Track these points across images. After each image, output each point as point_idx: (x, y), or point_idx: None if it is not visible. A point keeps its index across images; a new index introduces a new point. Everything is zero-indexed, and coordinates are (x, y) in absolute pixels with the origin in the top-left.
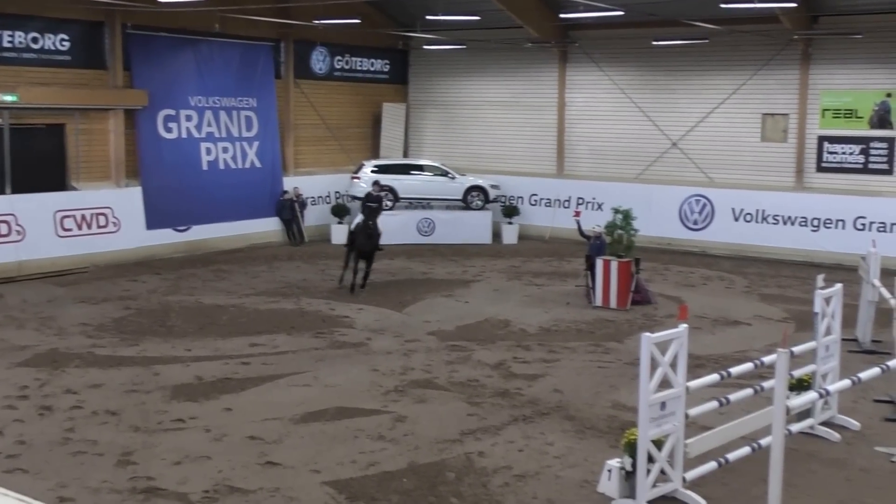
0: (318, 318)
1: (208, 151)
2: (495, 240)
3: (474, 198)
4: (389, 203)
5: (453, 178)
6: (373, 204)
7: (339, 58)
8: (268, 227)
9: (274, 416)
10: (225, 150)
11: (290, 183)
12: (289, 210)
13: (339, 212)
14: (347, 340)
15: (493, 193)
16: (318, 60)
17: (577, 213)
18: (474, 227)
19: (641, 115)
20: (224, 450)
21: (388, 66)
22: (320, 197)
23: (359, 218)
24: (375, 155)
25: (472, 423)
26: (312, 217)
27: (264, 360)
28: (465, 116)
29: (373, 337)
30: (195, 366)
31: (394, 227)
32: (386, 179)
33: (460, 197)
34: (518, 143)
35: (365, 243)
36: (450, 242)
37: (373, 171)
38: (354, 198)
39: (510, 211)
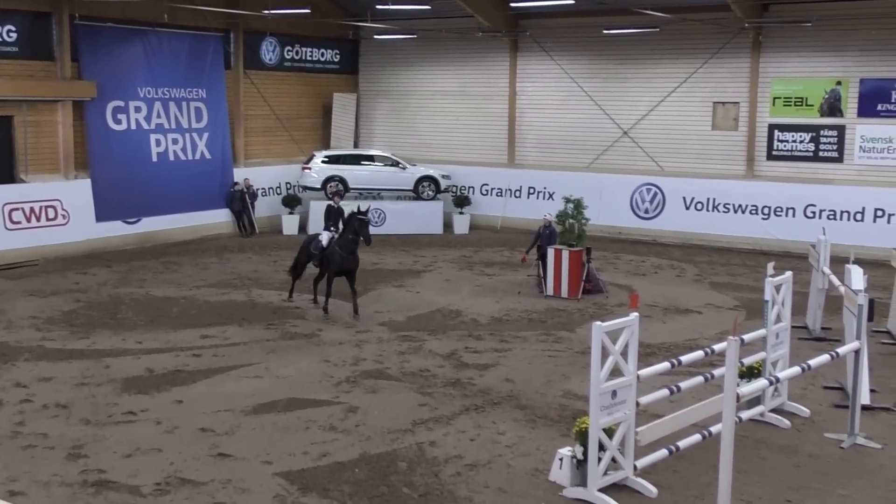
0: (269, 310)
1: (158, 143)
2: (446, 230)
3: (425, 188)
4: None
5: (404, 168)
6: (363, 217)
7: (289, 48)
8: (218, 219)
9: (225, 407)
10: (175, 141)
11: (240, 174)
12: (239, 201)
13: (290, 202)
14: (299, 331)
15: (444, 183)
16: (268, 51)
17: (524, 259)
18: (425, 217)
19: (592, 104)
20: (175, 442)
21: (338, 57)
22: (271, 188)
23: (323, 234)
24: (326, 145)
25: (423, 413)
26: (263, 208)
27: (215, 351)
28: (415, 106)
29: (324, 328)
30: (146, 358)
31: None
32: (336, 170)
33: (411, 187)
34: (469, 133)
35: (349, 260)
36: (401, 233)
37: (323, 162)
38: (306, 188)
39: (461, 201)
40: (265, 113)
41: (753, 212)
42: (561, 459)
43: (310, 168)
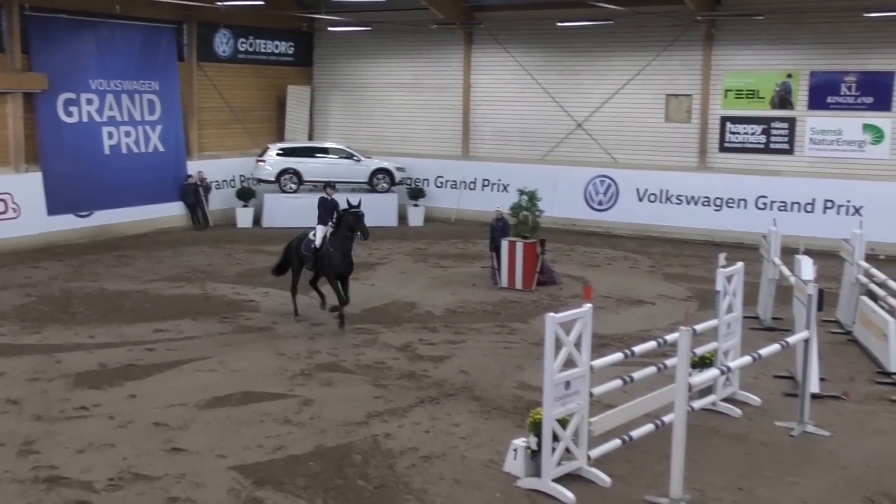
0: (223, 303)
1: (110, 135)
2: (401, 222)
3: (380, 180)
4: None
5: (359, 160)
6: (357, 210)
7: (242, 40)
8: (172, 212)
9: (179, 401)
10: (127, 134)
11: (194, 167)
12: (193, 194)
13: (245, 195)
14: (253, 325)
15: (398, 176)
16: (222, 43)
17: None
18: (380, 209)
19: (546, 96)
20: (129, 437)
21: (292, 49)
22: (225, 181)
23: (317, 231)
24: (280, 138)
25: (378, 406)
26: (217, 201)
27: (169, 345)
28: (370, 99)
29: (279, 321)
30: (98, 353)
31: (298, 210)
32: (291, 162)
33: (366, 179)
34: (424, 126)
35: (345, 264)
36: None
37: (278, 154)
38: (260, 181)
39: (416, 193)
40: (219, 105)
41: (706, 203)
42: (515, 450)
43: (264, 161)
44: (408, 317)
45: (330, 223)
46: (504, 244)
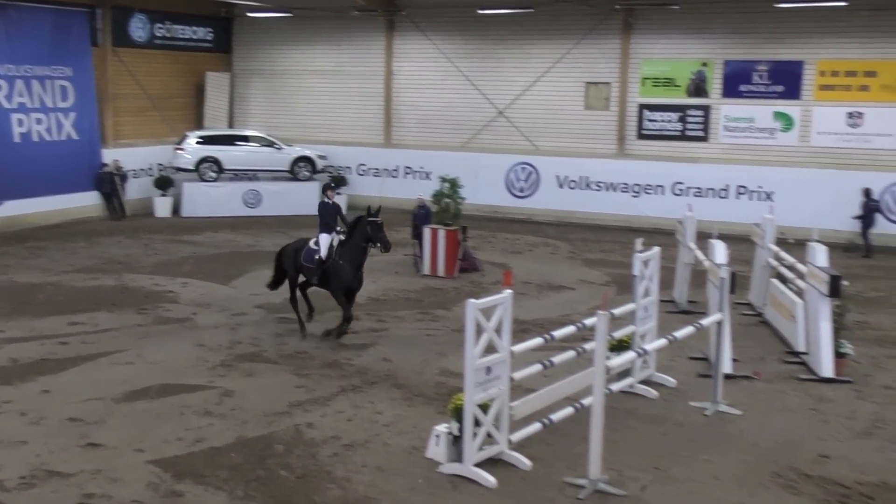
0: (140, 294)
1: (20, 123)
2: None
3: (302, 168)
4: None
5: (280, 148)
6: (377, 219)
7: (159, 25)
8: (87, 202)
9: (95, 396)
10: (38, 121)
11: (109, 155)
12: (108, 183)
13: (163, 184)
14: (172, 316)
15: (320, 164)
16: (138, 28)
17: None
18: (302, 198)
19: (468, 83)
20: (42, 433)
21: (211, 35)
22: (142, 169)
23: (321, 240)
24: (199, 126)
25: (300, 395)
26: (134, 190)
27: (84, 339)
28: (291, 86)
29: (198, 312)
30: (9, 347)
31: (218, 199)
32: (210, 151)
33: (287, 168)
34: (346, 113)
35: (356, 279)
36: (277, 214)
37: (198, 143)
38: (179, 169)
39: (338, 181)
40: (135, 92)
41: (624, 190)
42: (437, 436)
43: (183, 149)
44: (330, 306)
45: (338, 231)
46: (426, 232)
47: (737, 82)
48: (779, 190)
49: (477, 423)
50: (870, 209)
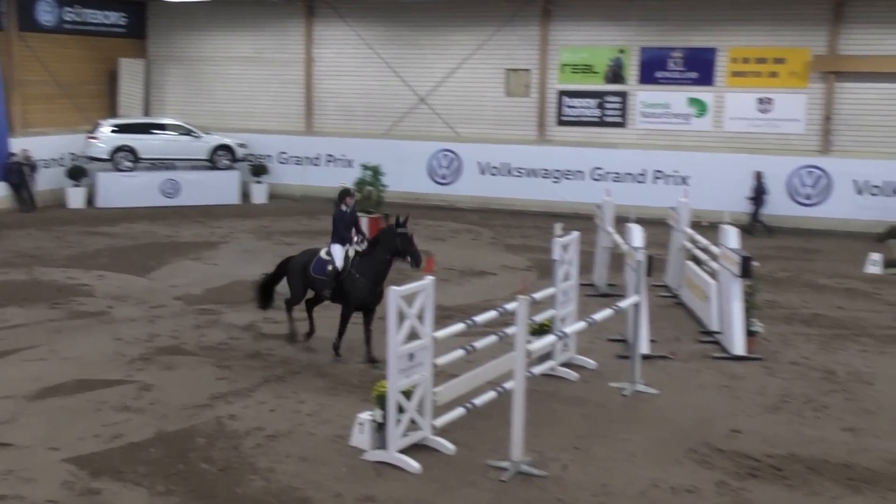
0: (53, 288)
1: None
2: (244, 200)
3: (221, 157)
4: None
5: (198, 136)
6: (406, 231)
7: (68, 9)
8: None
9: (6, 394)
10: None
11: (17, 144)
12: (17, 174)
13: (76, 174)
14: (87, 310)
15: (240, 152)
16: (45, 11)
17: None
18: (221, 187)
19: (389, 71)
20: None
21: (124, 20)
22: (53, 159)
23: (334, 251)
24: (113, 114)
25: (222, 387)
26: (45, 181)
27: None
28: (209, 73)
29: (115, 305)
30: None
31: (135, 189)
32: (126, 139)
33: (206, 156)
34: (266, 101)
35: (374, 294)
36: (196, 204)
37: (112, 131)
38: (93, 158)
39: (258, 170)
40: (44, 79)
41: (545, 175)
42: (361, 424)
43: (96, 138)
44: (252, 296)
45: (356, 242)
46: None
47: (653, 69)
48: (694, 174)
49: (400, 410)
50: (760, 191)
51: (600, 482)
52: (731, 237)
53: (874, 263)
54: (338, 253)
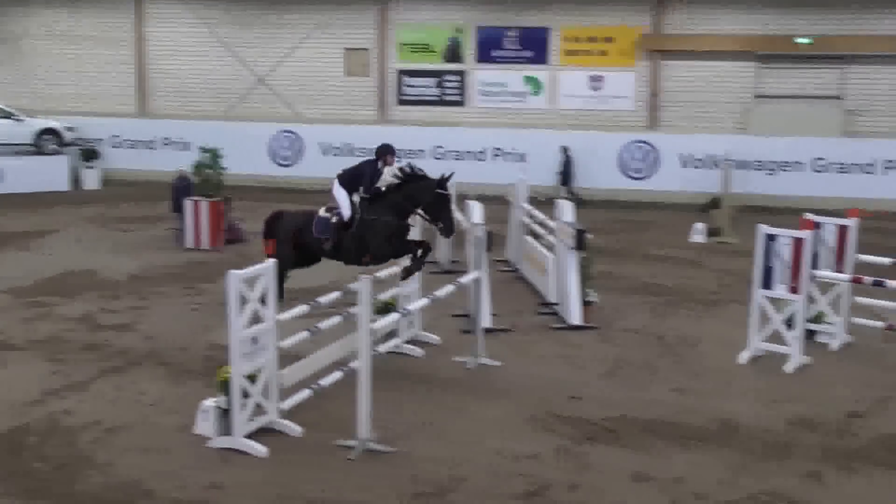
0: None
1: None
2: (75, 186)
3: (47, 141)
4: None
5: (21, 120)
6: (445, 192)
7: None
8: None
9: None
10: None
11: None
12: None
13: None
14: None
15: (68, 136)
16: None
17: None
18: (49, 173)
19: (227, 51)
20: None
21: None
22: None
23: (339, 198)
24: None
25: (55, 382)
26: None
27: None
28: (32, 51)
29: None
30: None
31: None
32: None
33: (31, 141)
34: (94, 82)
35: (400, 228)
36: (22, 191)
37: None
38: None
39: (89, 154)
40: None
41: None
42: (205, 411)
43: None
44: (87, 285)
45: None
46: (188, 204)
47: (489, 48)
48: (531, 151)
49: (245, 395)
50: (568, 165)
51: (447, 454)
52: (566, 211)
53: (699, 233)
54: (343, 199)
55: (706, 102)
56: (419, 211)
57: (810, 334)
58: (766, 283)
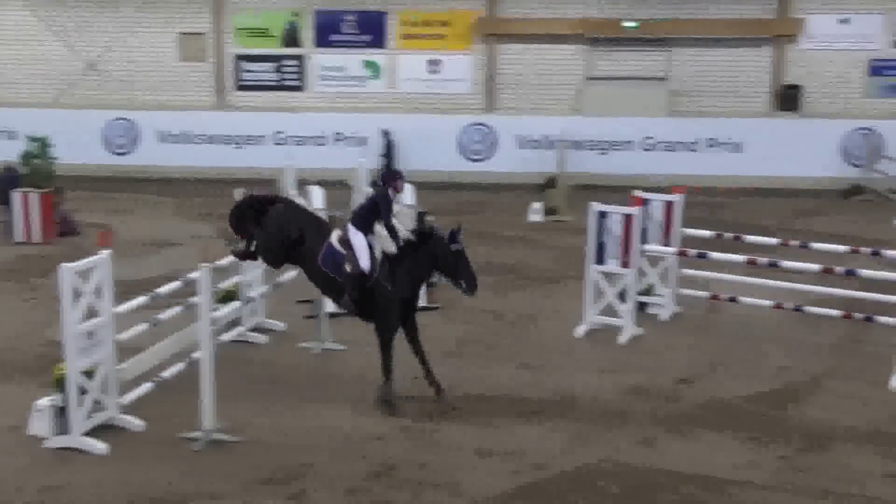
0: None
1: None
2: None
3: None
4: None
5: None
6: (460, 247)
7: None
8: None
9: None
10: None
11: None
12: None
13: None
14: None
15: None
16: None
17: None
18: None
19: (53, 35)
20: None
21: None
22: None
23: (354, 237)
24: None
25: None
26: None
27: None
28: None
29: None
30: None
31: None
32: None
33: None
34: None
35: (410, 306)
36: None
37: None
38: None
39: None
40: None
41: (227, 142)
42: (40, 411)
43: None
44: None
45: (391, 241)
46: (15, 196)
47: (328, 32)
48: (372, 136)
49: (83, 391)
50: (389, 148)
51: (294, 440)
52: (408, 194)
53: (536, 212)
54: (362, 248)
55: (541, 85)
56: (438, 273)
57: (642, 306)
58: (600, 259)
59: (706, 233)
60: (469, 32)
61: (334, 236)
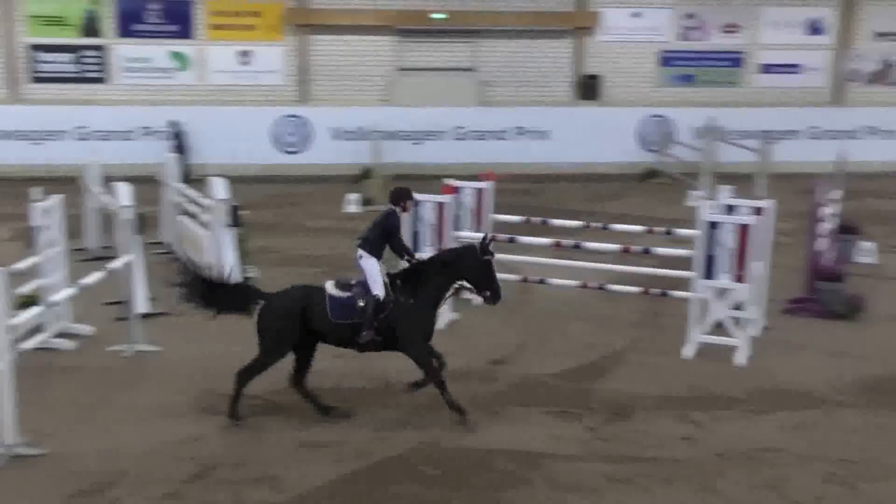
0: None
1: None
2: None
3: None
4: None
5: None
6: (491, 256)
7: None
8: None
9: None
10: None
11: None
12: None
13: None
14: None
15: None
16: None
17: None
18: None
19: None
20: None
21: None
22: None
23: (368, 266)
24: None
25: None
26: None
27: None
28: None
29: None
30: None
31: None
32: None
33: None
34: None
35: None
36: None
37: None
38: None
39: None
40: None
41: (22, 137)
42: None
43: None
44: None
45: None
46: None
47: (130, 21)
48: (182, 129)
49: None
50: (180, 140)
51: (106, 448)
52: (220, 188)
53: (352, 203)
54: (375, 274)
55: (353, 76)
56: (462, 283)
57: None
58: (415, 247)
59: (516, 218)
60: (280, 23)
61: (327, 284)
